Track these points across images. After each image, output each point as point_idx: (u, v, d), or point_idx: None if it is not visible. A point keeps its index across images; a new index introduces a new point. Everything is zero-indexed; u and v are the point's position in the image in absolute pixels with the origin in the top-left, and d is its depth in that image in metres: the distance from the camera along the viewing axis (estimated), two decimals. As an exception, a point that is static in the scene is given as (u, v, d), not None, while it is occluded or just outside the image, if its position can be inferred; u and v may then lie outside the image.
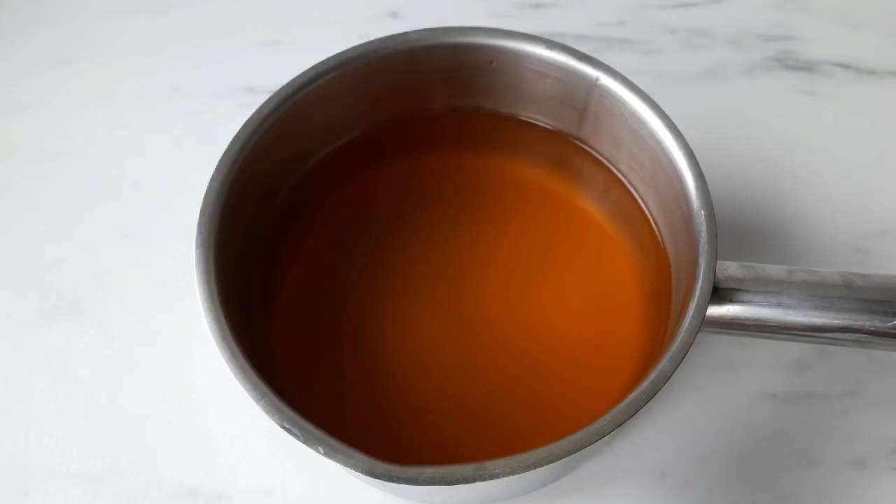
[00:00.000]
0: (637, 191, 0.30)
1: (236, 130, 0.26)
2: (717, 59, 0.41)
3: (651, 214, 0.29)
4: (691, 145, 0.26)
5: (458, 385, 0.28)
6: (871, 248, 0.35)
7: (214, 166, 0.26)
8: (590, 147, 0.31)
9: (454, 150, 0.32)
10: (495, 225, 0.31)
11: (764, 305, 0.24)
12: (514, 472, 0.21)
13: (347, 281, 0.30)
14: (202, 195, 0.25)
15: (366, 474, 0.21)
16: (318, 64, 0.28)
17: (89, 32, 0.42)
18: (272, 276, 0.29)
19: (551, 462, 0.21)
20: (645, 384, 0.22)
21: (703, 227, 0.24)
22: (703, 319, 0.23)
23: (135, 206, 0.37)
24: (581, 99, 0.29)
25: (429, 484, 0.21)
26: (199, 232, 0.25)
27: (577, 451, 0.21)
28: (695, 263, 0.24)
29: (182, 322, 0.33)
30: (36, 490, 0.30)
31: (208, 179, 0.25)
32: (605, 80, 0.28)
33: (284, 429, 0.22)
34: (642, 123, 0.27)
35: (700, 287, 0.24)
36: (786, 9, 0.42)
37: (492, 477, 0.21)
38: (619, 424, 0.21)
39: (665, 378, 0.22)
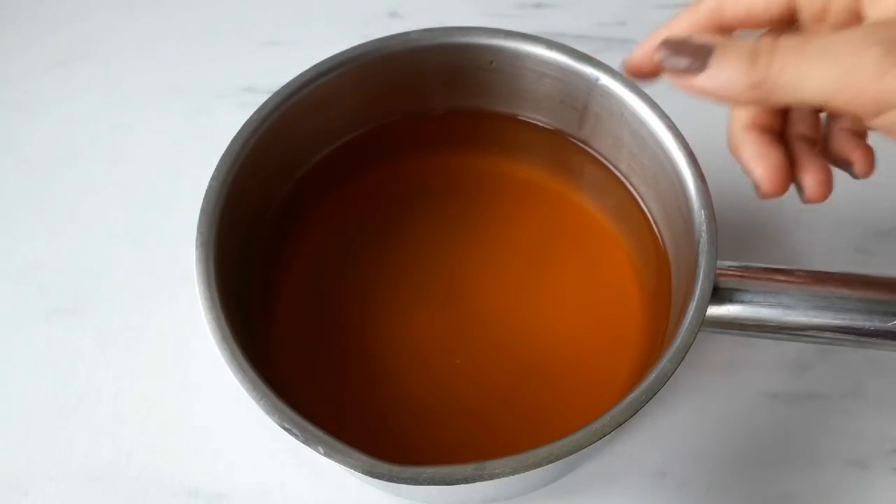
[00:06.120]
0: (637, 191, 0.30)
1: (236, 130, 0.26)
2: (717, 59, 0.40)
3: (651, 214, 0.29)
4: (691, 145, 0.26)
5: (458, 385, 0.28)
6: (871, 248, 0.35)
7: (214, 166, 0.26)
8: (590, 147, 0.31)
9: (454, 150, 0.32)
10: (495, 225, 0.31)
11: (764, 305, 0.24)
12: (514, 472, 0.21)
13: (347, 281, 0.30)
14: (202, 195, 0.25)
15: (366, 474, 0.21)
16: (318, 64, 0.28)
17: (89, 32, 0.42)
18: (272, 276, 0.29)
19: (551, 462, 0.21)
20: (645, 384, 0.22)
21: (703, 227, 0.24)
22: (703, 319, 0.23)
23: (135, 206, 0.37)
24: (581, 99, 0.29)
25: (429, 484, 0.21)
26: (199, 232, 0.25)
27: (577, 451, 0.21)
28: (695, 263, 0.24)
29: (182, 322, 0.33)
30: (36, 490, 0.30)
31: (208, 179, 0.25)
32: (605, 80, 0.28)
33: (284, 429, 0.22)
34: (642, 123, 0.27)
35: (700, 287, 0.24)
36: (786, 9, 0.42)
37: (492, 477, 0.21)
38: (619, 424, 0.21)
39: (665, 378, 0.22)
